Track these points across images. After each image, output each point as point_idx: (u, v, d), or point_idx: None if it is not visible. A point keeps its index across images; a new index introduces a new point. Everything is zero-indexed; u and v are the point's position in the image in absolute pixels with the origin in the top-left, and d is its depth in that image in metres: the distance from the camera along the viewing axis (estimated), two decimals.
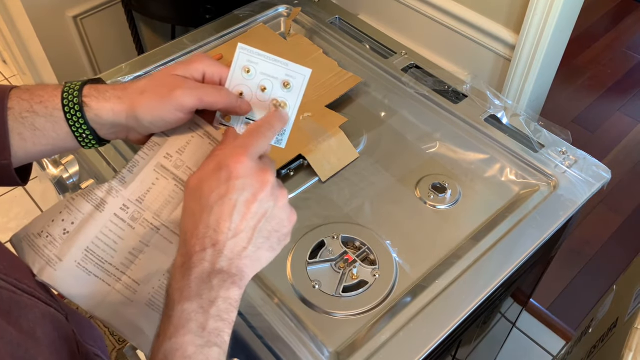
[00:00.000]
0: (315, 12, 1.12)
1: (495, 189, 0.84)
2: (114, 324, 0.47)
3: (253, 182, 0.43)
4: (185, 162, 0.49)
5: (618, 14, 2.77)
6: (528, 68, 1.16)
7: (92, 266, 0.46)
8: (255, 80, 0.50)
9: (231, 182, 0.42)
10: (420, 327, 0.66)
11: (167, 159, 0.50)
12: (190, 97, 0.47)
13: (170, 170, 0.49)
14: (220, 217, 0.42)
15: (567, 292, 1.71)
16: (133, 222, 0.47)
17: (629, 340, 0.75)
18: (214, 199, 0.42)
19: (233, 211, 0.42)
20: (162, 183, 0.48)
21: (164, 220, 0.48)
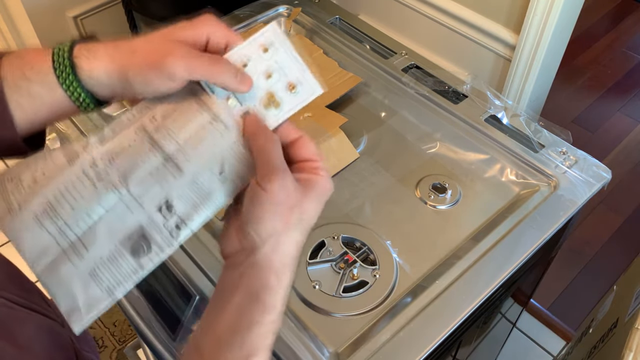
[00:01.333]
0: (315, 12, 1.12)
1: (495, 189, 0.84)
2: (50, 285, 0.43)
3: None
4: (167, 126, 0.45)
5: (618, 14, 2.77)
6: (528, 68, 1.16)
7: (48, 221, 0.43)
8: (267, 63, 0.47)
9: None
10: (421, 327, 0.66)
11: (151, 122, 0.46)
12: (181, 67, 0.42)
13: (149, 133, 0.45)
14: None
15: (567, 292, 1.71)
16: (98, 182, 0.43)
17: (629, 341, 0.75)
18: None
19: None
20: (137, 145, 0.44)
21: (129, 185, 0.43)
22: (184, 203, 0.43)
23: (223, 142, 0.44)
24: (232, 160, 0.44)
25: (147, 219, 0.43)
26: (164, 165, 0.44)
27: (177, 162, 0.44)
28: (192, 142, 0.44)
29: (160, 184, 0.43)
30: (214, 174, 0.44)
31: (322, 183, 0.43)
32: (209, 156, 0.44)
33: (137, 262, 0.43)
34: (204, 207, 0.44)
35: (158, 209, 0.43)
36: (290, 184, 0.41)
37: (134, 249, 0.43)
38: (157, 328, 0.81)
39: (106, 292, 0.43)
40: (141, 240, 0.43)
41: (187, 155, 0.44)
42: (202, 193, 0.44)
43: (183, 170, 0.44)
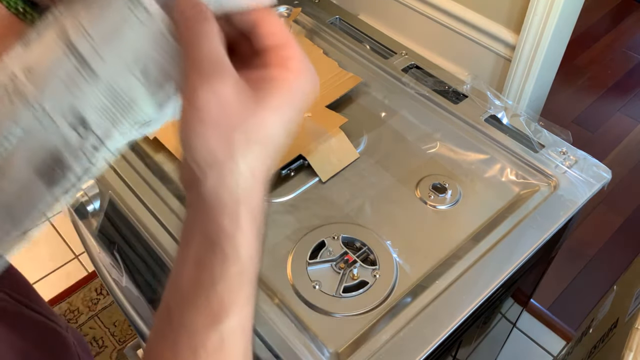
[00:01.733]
0: (315, 13, 1.12)
1: (495, 189, 0.84)
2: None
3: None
4: (80, 17, 0.35)
5: (618, 14, 2.77)
6: (528, 68, 1.16)
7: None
8: None
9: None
10: (421, 328, 0.66)
11: (73, 19, 0.36)
12: None
13: (67, 32, 0.36)
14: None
15: (567, 292, 1.71)
16: (15, 97, 0.36)
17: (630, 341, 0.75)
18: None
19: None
20: (54, 48, 0.36)
21: (43, 98, 0.35)
22: (100, 116, 0.35)
23: (145, 34, 0.34)
24: (158, 57, 0.34)
25: (62, 139, 0.35)
26: (77, 70, 0.35)
27: (91, 65, 0.35)
28: (106, 35, 0.34)
29: (74, 95, 0.35)
30: (135, 77, 0.34)
31: (290, 82, 0.32)
32: (128, 53, 0.34)
33: (51, 193, 0.36)
34: (125, 120, 0.35)
35: (72, 125, 0.35)
36: (230, 90, 0.30)
37: (48, 177, 0.36)
38: None
39: (20, 230, 0.37)
40: (56, 166, 0.36)
41: (101, 53, 0.34)
42: (122, 102, 0.35)
43: (98, 74, 0.34)
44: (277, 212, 0.81)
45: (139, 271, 0.83)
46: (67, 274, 1.77)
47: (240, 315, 0.33)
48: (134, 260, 0.83)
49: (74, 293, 1.72)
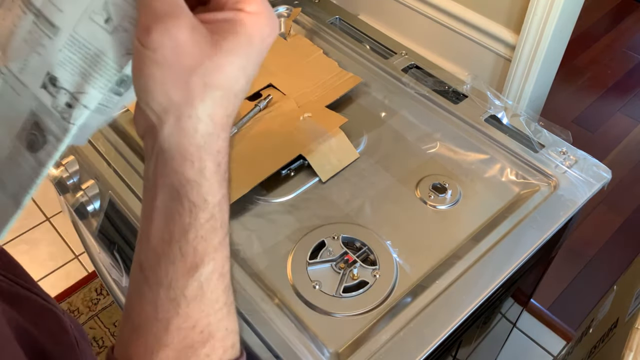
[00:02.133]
0: (315, 13, 1.12)
1: (495, 189, 0.84)
2: None
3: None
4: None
5: (618, 14, 2.77)
6: (528, 68, 1.16)
7: None
8: None
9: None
10: (421, 328, 0.66)
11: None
12: None
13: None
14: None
15: (567, 292, 1.71)
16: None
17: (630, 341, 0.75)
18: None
19: None
20: (14, 11, 0.33)
21: (8, 60, 0.34)
22: (69, 71, 0.33)
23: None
24: (118, 0, 0.31)
25: (35, 102, 0.34)
26: (35, 25, 0.32)
27: (48, 17, 0.32)
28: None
29: (37, 51, 0.33)
30: (98, 24, 0.32)
31: (248, 24, 0.30)
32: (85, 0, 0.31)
33: (35, 158, 0.34)
34: (96, 73, 0.33)
35: (42, 85, 0.33)
36: (186, 32, 0.28)
37: (30, 143, 0.34)
38: None
39: (12, 199, 0.35)
40: (35, 130, 0.34)
41: (58, 3, 0.32)
42: (89, 53, 0.32)
43: (57, 25, 0.32)
44: (277, 212, 0.81)
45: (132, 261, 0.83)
46: (67, 274, 1.77)
47: (216, 260, 0.33)
48: None
49: (74, 293, 1.72)
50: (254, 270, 0.74)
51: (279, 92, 0.96)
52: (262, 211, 0.82)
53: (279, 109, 0.93)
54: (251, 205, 0.82)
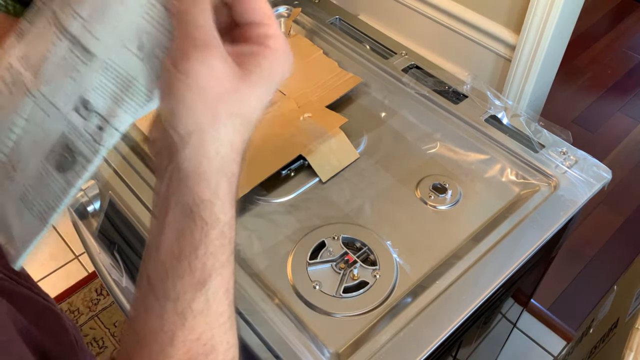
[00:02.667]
0: (315, 13, 1.12)
1: (495, 189, 0.84)
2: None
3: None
4: (75, 9, 0.34)
5: (618, 14, 2.77)
6: (528, 68, 1.16)
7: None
8: None
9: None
10: (421, 328, 0.66)
11: (62, 7, 0.35)
12: None
13: (57, 15, 0.35)
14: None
15: (567, 292, 1.71)
16: (13, 87, 0.36)
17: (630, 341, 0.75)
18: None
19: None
20: (46, 32, 0.35)
21: (39, 84, 0.35)
22: (101, 95, 0.34)
23: (135, 6, 0.33)
24: (152, 30, 0.33)
25: (67, 124, 0.35)
26: (71, 51, 0.34)
27: (85, 44, 0.34)
28: (97, 14, 0.34)
29: (71, 76, 0.34)
30: (131, 52, 0.34)
31: (270, 60, 0.33)
32: (121, 29, 0.33)
33: (64, 179, 0.36)
34: (127, 97, 0.34)
35: (74, 108, 0.35)
36: (220, 63, 0.31)
37: (59, 163, 0.36)
38: None
39: (38, 218, 0.37)
40: (64, 152, 0.35)
41: (93, 32, 0.34)
42: (122, 79, 0.34)
43: (93, 52, 0.34)
44: (277, 212, 0.81)
45: (139, 271, 0.83)
46: (67, 274, 1.77)
47: (223, 276, 0.35)
48: (134, 261, 0.83)
49: (74, 293, 1.72)
50: (254, 270, 0.74)
51: (278, 92, 0.96)
52: (262, 211, 0.82)
53: (279, 109, 0.93)
54: (251, 205, 0.82)
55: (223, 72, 0.31)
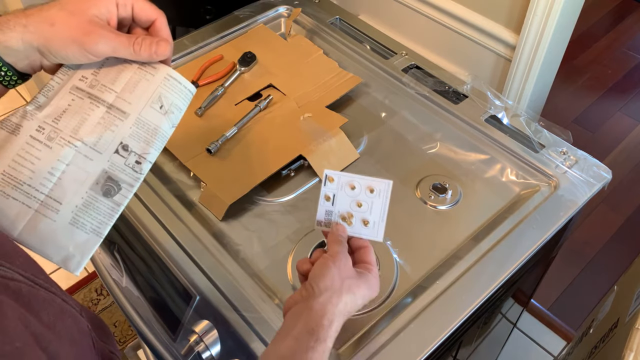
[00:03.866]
0: (315, 13, 1.12)
1: (495, 190, 0.84)
2: (35, 245, 0.46)
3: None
4: (100, 81, 0.49)
5: (618, 14, 2.77)
6: (528, 68, 1.16)
7: (10, 189, 0.45)
8: (366, 198, 0.62)
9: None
10: (421, 328, 0.66)
11: (82, 81, 0.49)
12: (106, 47, 0.47)
13: (85, 91, 0.49)
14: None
15: (567, 292, 1.71)
16: (49, 142, 0.47)
17: (630, 341, 0.75)
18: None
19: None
20: (77, 102, 0.48)
21: (81, 137, 0.47)
22: (137, 141, 0.49)
23: (155, 81, 0.50)
24: (168, 94, 0.51)
25: (109, 163, 0.48)
26: (108, 113, 0.48)
27: (120, 107, 0.49)
28: (128, 88, 0.49)
29: (111, 130, 0.48)
30: (155, 110, 0.50)
31: (372, 280, 0.57)
32: (147, 95, 0.50)
33: (112, 201, 0.48)
34: (155, 140, 0.50)
35: (115, 151, 0.48)
36: (350, 264, 0.57)
37: (105, 191, 0.48)
38: (157, 328, 0.81)
39: (93, 233, 0.48)
40: (109, 182, 0.48)
41: (127, 99, 0.49)
42: (150, 128, 0.49)
43: (127, 112, 0.49)
44: (277, 212, 0.81)
45: (139, 271, 0.83)
46: (67, 274, 1.77)
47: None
48: (134, 260, 0.83)
49: (74, 293, 1.72)
50: (254, 270, 0.74)
51: (279, 93, 0.96)
52: (262, 211, 0.82)
53: (279, 109, 0.93)
54: (251, 205, 0.82)
55: (352, 268, 0.58)
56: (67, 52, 0.47)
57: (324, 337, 0.51)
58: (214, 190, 0.80)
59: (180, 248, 0.75)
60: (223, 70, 0.99)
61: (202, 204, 0.82)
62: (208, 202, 0.82)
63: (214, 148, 0.85)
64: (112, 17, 0.49)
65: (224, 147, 0.86)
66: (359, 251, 0.60)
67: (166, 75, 0.51)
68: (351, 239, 0.61)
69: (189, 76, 0.98)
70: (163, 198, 0.81)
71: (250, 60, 1.00)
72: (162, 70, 0.51)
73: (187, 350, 0.70)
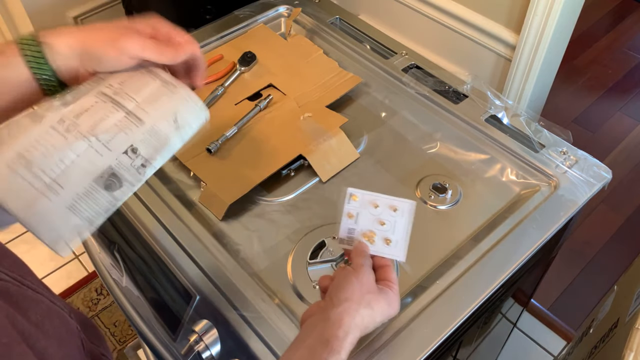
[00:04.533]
0: (315, 13, 1.12)
1: (495, 189, 0.84)
2: (31, 223, 0.48)
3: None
4: (124, 89, 0.53)
5: (618, 14, 2.77)
6: (528, 68, 1.16)
7: (22, 169, 0.48)
8: (388, 217, 0.63)
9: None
10: (421, 328, 0.66)
11: (108, 88, 0.53)
12: (136, 44, 0.52)
13: (109, 96, 0.52)
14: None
15: (567, 292, 1.71)
16: (67, 133, 0.50)
17: (630, 341, 0.75)
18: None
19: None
20: (100, 105, 0.52)
21: (96, 134, 0.50)
22: (146, 147, 0.52)
23: (174, 98, 0.54)
24: (183, 112, 0.54)
25: (116, 161, 0.50)
26: (126, 118, 0.51)
27: (138, 115, 0.52)
28: (149, 100, 0.53)
29: (125, 132, 0.51)
30: (170, 123, 0.53)
31: (393, 296, 0.57)
32: (165, 109, 0.53)
33: (112, 196, 0.50)
34: (163, 149, 0.53)
35: (124, 152, 0.51)
36: (373, 279, 0.57)
37: (107, 185, 0.50)
38: (157, 328, 0.81)
39: (87, 221, 0.50)
40: (112, 178, 0.50)
41: (145, 109, 0.52)
42: (161, 138, 0.53)
43: (143, 120, 0.52)
44: (277, 212, 0.81)
45: (139, 271, 0.83)
46: (67, 274, 1.77)
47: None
48: (134, 260, 0.83)
49: (74, 293, 1.72)
50: (254, 270, 0.74)
51: (279, 92, 0.96)
52: (262, 211, 0.82)
53: (279, 109, 0.93)
54: (251, 205, 0.82)
55: (373, 282, 0.57)
56: (102, 50, 0.51)
57: (338, 348, 0.50)
58: (214, 190, 0.80)
59: (180, 248, 0.75)
60: (223, 70, 0.99)
61: (202, 204, 0.82)
62: (208, 202, 0.82)
63: (214, 148, 0.85)
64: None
65: (224, 146, 0.86)
66: (381, 269, 0.60)
67: (186, 95, 0.55)
68: (373, 257, 0.61)
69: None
70: (163, 198, 0.81)
71: (250, 60, 1.00)
72: (182, 91, 0.55)
73: (187, 349, 0.70)
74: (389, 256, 0.61)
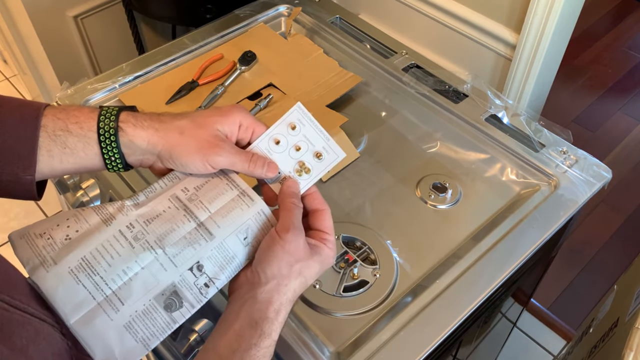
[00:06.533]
0: (315, 12, 1.12)
1: (495, 189, 0.84)
2: (85, 337, 0.46)
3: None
4: (199, 197, 0.51)
5: (618, 14, 2.77)
6: (529, 68, 1.16)
7: (83, 276, 0.46)
8: (295, 138, 0.56)
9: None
10: (421, 327, 0.66)
11: (183, 192, 0.52)
12: (226, 162, 0.51)
13: (182, 202, 0.51)
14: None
15: (567, 291, 1.71)
16: (134, 242, 0.48)
17: (630, 340, 0.75)
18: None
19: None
20: (172, 212, 0.50)
21: (164, 246, 0.49)
22: (212, 264, 0.49)
23: (249, 213, 0.52)
24: (255, 229, 0.52)
25: (180, 278, 0.48)
26: (196, 230, 0.49)
27: (209, 228, 0.50)
28: (222, 212, 0.51)
29: (193, 247, 0.49)
30: (239, 239, 0.51)
31: (327, 253, 0.52)
32: (237, 224, 0.51)
33: (170, 317, 0.47)
34: (228, 267, 0.50)
35: (190, 268, 0.48)
36: (302, 242, 0.50)
37: (167, 305, 0.47)
38: None
39: (141, 343, 0.47)
40: (173, 297, 0.48)
41: (217, 222, 0.50)
42: (228, 255, 0.50)
43: (214, 235, 0.50)
44: None
45: None
46: None
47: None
48: None
49: None
50: None
51: (279, 92, 0.96)
52: None
53: (279, 108, 0.93)
54: None
55: (303, 247, 0.50)
56: (189, 159, 0.51)
57: (269, 330, 0.47)
58: None
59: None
60: (223, 69, 0.99)
61: None
62: None
63: None
64: (232, 136, 0.53)
65: None
66: (315, 214, 0.54)
67: (260, 210, 0.52)
68: (305, 198, 0.55)
69: (189, 75, 0.98)
70: None
71: (251, 59, 1.00)
72: (257, 205, 0.52)
73: (187, 349, 0.70)
74: (332, 165, 0.56)
